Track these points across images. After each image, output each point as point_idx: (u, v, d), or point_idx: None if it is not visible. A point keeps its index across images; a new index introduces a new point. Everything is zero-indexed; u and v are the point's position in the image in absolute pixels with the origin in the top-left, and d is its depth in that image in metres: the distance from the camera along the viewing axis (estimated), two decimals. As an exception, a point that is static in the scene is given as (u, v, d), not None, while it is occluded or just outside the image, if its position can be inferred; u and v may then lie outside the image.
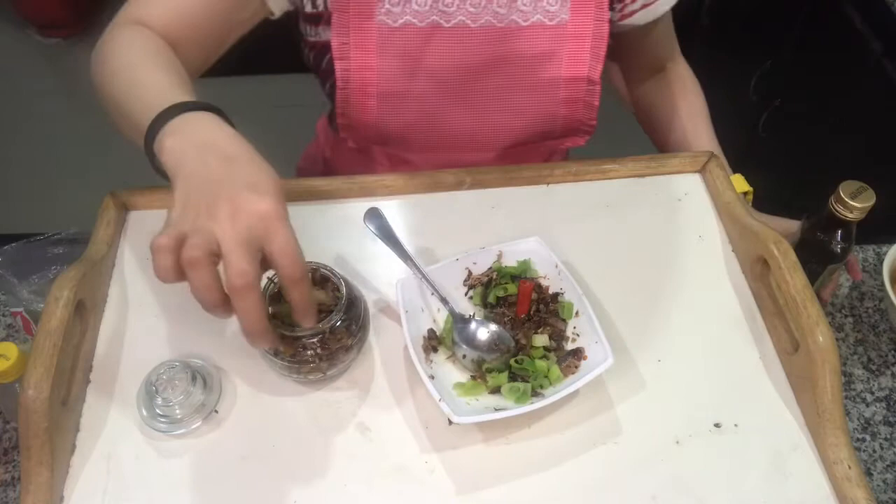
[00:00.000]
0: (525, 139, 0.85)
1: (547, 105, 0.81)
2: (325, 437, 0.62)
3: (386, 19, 0.75)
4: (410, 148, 0.86)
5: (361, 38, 0.75)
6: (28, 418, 0.56)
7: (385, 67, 0.77)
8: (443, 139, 0.84)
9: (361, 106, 0.79)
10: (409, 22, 0.75)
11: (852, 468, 0.59)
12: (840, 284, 0.80)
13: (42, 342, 0.58)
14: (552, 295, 0.69)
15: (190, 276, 0.48)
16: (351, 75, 0.77)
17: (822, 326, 0.61)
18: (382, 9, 0.74)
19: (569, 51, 0.77)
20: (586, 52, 0.77)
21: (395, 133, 0.82)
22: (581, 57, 0.78)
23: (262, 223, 0.50)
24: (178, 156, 0.54)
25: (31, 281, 0.73)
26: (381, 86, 0.78)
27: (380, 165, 0.90)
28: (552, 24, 0.76)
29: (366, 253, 0.74)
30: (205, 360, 0.65)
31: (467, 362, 0.65)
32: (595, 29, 0.76)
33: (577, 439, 0.62)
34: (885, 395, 0.70)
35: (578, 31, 0.77)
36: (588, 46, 0.77)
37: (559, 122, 0.83)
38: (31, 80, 2.32)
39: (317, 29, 0.77)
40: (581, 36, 0.77)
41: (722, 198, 0.78)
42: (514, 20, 0.76)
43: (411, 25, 0.75)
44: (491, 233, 0.75)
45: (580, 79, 0.79)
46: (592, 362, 0.63)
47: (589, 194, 0.80)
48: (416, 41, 0.76)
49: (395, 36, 0.76)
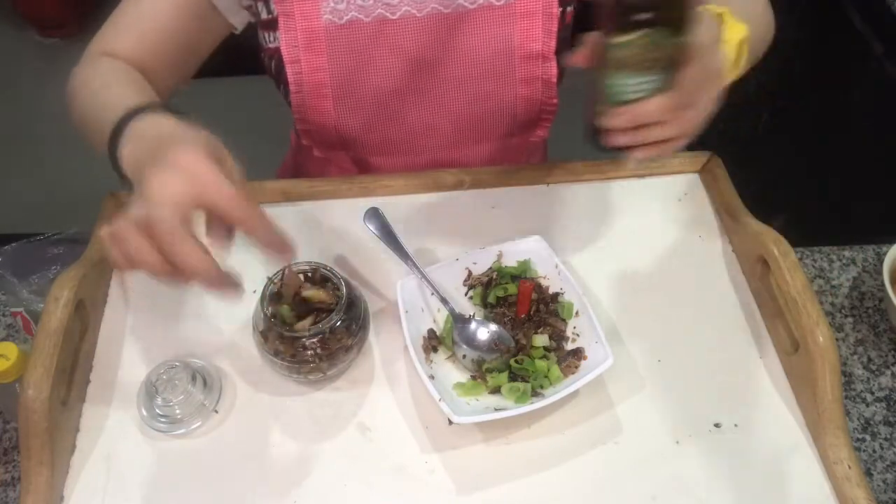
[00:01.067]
0: (490, 130, 0.84)
1: (505, 88, 0.80)
2: (325, 437, 0.62)
3: (332, 17, 0.74)
4: (375, 150, 0.84)
5: (309, 39, 0.75)
6: (28, 418, 0.56)
7: (336, 67, 0.76)
8: (405, 136, 0.83)
9: (318, 108, 0.79)
10: (355, 18, 0.74)
11: (852, 468, 0.59)
12: (840, 284, 0.80)
13: (42, 342, 0.58)
14: (552, 295, 0.69)
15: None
16: (304, 78, 0.76)
17: (822, 326, 0.61)
18: (327, 8, 0.74)
19: (520, 29, 0.77)
20: (538, 30, 0.76)
21: (355, 134, 0.82)
22: (533, 35, 0.77)
23: (190, 179, 0.49)
24: (133, 164, 0.56)
25: (31, 281, 0.73)
26: (334, 86, 0.77)
27: (348, 173, 0.90)
28: (500, 3, 0.76)
29: (366, 253, 0.74)
30: (205, 360, 0.65)
31: (467, 362, 0.65)
32: (544, 5, 0.76)
33: (577, 439, 0.62)
34: (885, 395, 0.70)
35: (527, 8, 0.76)
36: (539, 23, 0.76)
37: (520, 104, 0.81)
38: (30, 80, 2.32)
39: (274, 34, 0.77)
40: (531, 13, 0.76)
41: (722, 198, 0.78)
42: (461, 4, 0.75)
43: (357, 21, 0.75)
44: (491, 233, 0.75)
45: (534, 56, 0.78)
46: (592, 362, 0.63)
47: (589, 194, 0.80)
48: (365, 37, 0.75)
49: (342, 34, 0.75)
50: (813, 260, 0.82)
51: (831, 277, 0.80)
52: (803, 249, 0.83)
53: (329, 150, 0.85)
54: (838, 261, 0.82)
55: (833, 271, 0.81)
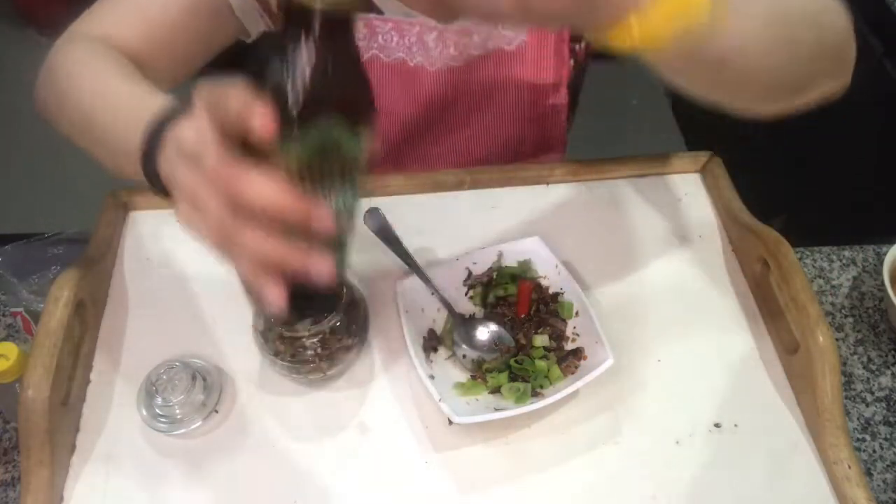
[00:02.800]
0: (494, 157, 0.84)
1: (514, 127, 0.80)
2: (325, 437, 0.62)
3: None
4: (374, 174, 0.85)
5: None
6: (28, 418, 0.56)
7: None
8: (406, 168, 0.84)
9: None
10: (375, 56, 0.74)
11: (852, 468, 0.59)
12: (840, 284, 0.80)
13: (42, 342, 0.58)
14: (552, 295, 0.69)
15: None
16: None
17: (822, 326, 0.61)
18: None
19: (531, 71, 0.77)
20: (549, 72, 0.76)
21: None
22: (544, 76, 0.77)
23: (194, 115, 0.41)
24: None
25: (31, 281, 0.73)
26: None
27: None
28: (511, 48, 0.75)
29: (366, 253, 0.74)
30: (205, 360, 0.65)
31: (467, 362, 0.65)
32: (556, 47, 0.75)
33: (577, 439, 0.62)
34: (885, 395, 0.70)
35: (539, 51, 0.76)
36: (551, 66, 0.76)
37: (528, 142, 0.82)
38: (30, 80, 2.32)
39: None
40: (542, 56, 0.76)
41: (722, 198, 0.78)
42: (471, 55, 0.76)
43: (378, 59, 0.75)
44: (491, 233, 0.75)
45: (545, 98, 0.78)
46: (592, 362, 0.63)
47: (589, 194, 0.80)
48: (381, 76, 0.76)
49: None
50: (813, 260, 0.82)
51: (831, 277, 0.80)
52: (803, 249, 0.83)
53: None
54: (838, 261, 0.82)
55: (833, 271, 0.81)
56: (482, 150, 0.82)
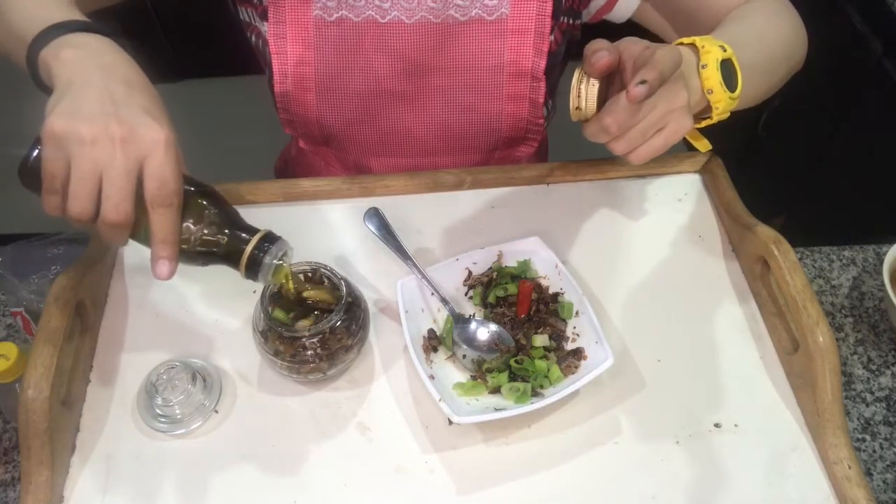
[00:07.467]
0: (470, 142, 0.84)
1: (490, 102, 0.80)
2: (325, 437, 0.62)
3: (322, 13, 0.74)
4: (355, 148, 0.84)
5: (297, 31, 0.75)
6: (28, 418, 0.56)
7: (322, 62, 0.76)
8: (385, 138, 0.83)
9: (300, 100, 0.78)
10: (344, 17, 0.75)
11: (852, 468, 0.59)
12: (840, 284, 0.80)
13: (42, 342, 0.58)
14: (552, 295, 0.69)
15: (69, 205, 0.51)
16: (288, 69, 0.76)
17: (822, 326, 0.61)
18: (318, 3, 0.74)
19: (511, 45, 0.76)
20: (529, 48, 0.76)
21: (336, 130, 0.82)
22: (524, 52, 0.76)
23: (149, 148, 0.50)
24: (78, 68, 0.53)
25: (31, 281, 0.73)
26: (318, 80, 0.77)
27: (332, 170, 0.90)
28: (492, 18, 0.76)
29: (366, 253, 0.74)
30: (205, 360, 0.65)
31: (467, 362, 0.65)
32: (537, 24, 0.75)
33: (577, 439, 0.62)
34: (885, 395, 0.70)
35: (519, 25, 0.75)
36: (531, 41, 0.76)
37: (505, 120, 0.81)
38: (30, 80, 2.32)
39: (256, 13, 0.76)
40: (523, 31, 0.76)
41: (722, 198, 0.78)
42: (451, 15, 0.75)
43: (347, 20, 0.75)
44: (491, 233, 0.75)
45: (524, 74, 0.77)
46: (592, 362, 0.63)
47: (589, 194, 0.80)
48: (352, 36, 0.76)
49: (331, 30, 0.75)
50: (813, 260, 0.82)
51: (831, 277, 0.80)
52: (803, 249, 0.83)
53: (312, 143, 0.86)
54: (838, 261, 0.82)
55: (833, 271, 0.81)
56: (461, 124, 0.81)
